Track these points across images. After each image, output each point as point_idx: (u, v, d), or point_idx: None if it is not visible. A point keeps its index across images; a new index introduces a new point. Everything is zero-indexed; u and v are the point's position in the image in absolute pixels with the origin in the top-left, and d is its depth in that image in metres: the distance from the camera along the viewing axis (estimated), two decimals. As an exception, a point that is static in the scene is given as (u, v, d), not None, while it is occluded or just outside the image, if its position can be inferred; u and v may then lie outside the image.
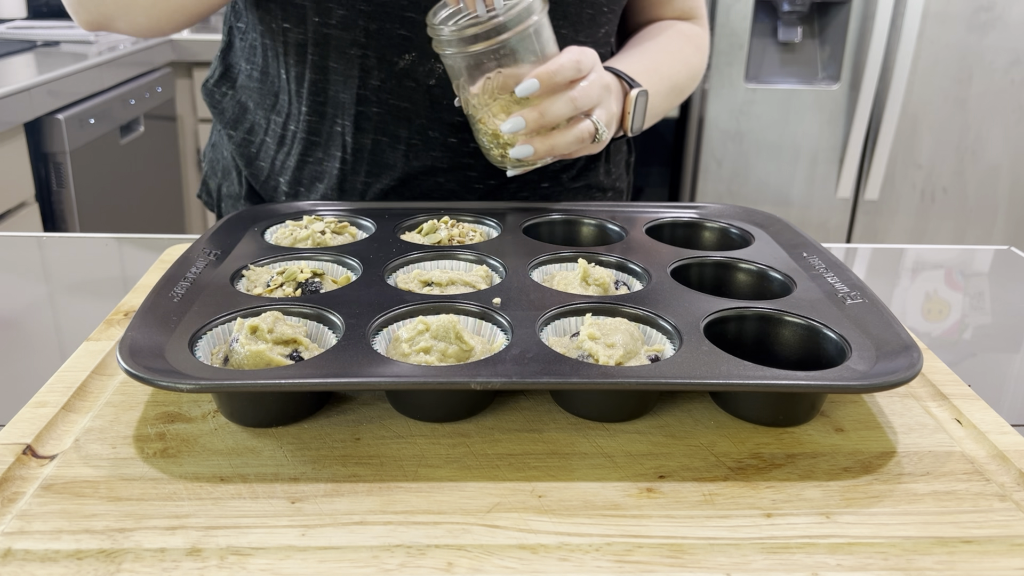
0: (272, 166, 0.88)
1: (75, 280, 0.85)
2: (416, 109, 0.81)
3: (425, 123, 0.81)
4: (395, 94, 0.80)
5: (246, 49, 0.88)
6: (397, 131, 0.82)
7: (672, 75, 0.87)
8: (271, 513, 0.43)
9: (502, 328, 0.56)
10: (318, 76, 0.81)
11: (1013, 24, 2.06)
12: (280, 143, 0.86)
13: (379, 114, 0.81)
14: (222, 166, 0.95)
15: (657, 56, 0.86)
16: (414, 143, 0.82)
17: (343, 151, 0.83)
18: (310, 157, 0.85)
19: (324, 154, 0.84)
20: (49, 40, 2.11)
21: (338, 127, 0.83)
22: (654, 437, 0.51)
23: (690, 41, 0.91)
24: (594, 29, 0.84)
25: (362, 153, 0.83)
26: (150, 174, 2.18)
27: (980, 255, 0.95)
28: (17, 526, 0.42)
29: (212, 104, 0.92)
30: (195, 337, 0.53)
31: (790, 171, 2.21)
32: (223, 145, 0.95)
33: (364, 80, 0.80)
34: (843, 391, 0.49)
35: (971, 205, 2.23)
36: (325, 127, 0.83)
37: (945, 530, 0.43)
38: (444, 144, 0.82)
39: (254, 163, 0.89)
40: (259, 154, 0.89)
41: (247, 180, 0.92)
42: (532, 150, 0.71)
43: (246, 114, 0.89)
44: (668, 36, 0.90)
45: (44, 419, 0.51)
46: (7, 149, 1.59)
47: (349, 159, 0.83)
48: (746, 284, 0.67)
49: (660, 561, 0.40)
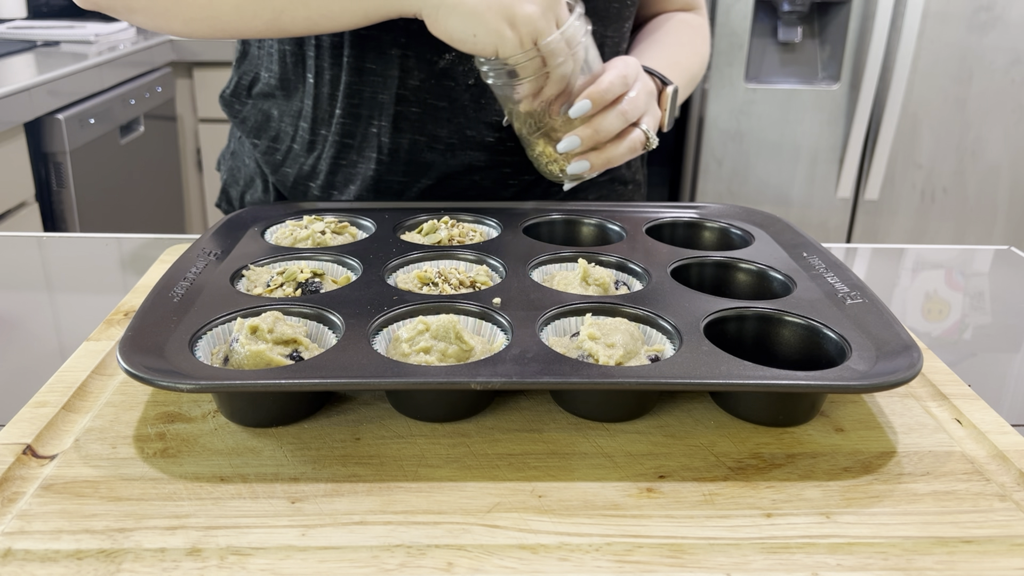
0: (300, 171, 0.87)
1: (75, 280, 0.85)
2: (455, 108, 0.81)
3: (463, 122, 0.81)
4: (434, 94, 0.80)
5: (264, 57, 0.87)
6: (436, 131, 0.81)
7: (689, 66, 0.88)
8: (271, 513, 0.43)
9: (502, 328, 0.56)
10: (354, 78, 0.80)
11: (1013, 24, 2.06)
12: (309, 148, 0.86)
13: (417, 114, 0.81)
14: (245, 174, 0.95)
15: (675, 49, 0.87)
16: (452, 142, 0.82)
17: (378, 152, 0.82)
18: (344, 160, 0.84)
19: (358, 156, 0.84)
20: (49, 40, 2.11)
21: (374, 128, 0.82)
22: (654, 437, 0.51)
23: (697, 32, 0.93)
24: (620, 23, 0.85)
25: (399, 154, 0.82)
26: (150, 174, 2.18)
27: (980, 255, 0.95)
28: (17, 526, 0.42)
29: (232, 114, 0.92)
30: (195, 337, 0.53)
31: (790, 171, 2.21)
32: (244, 153, 0.94)
33: (403, 80, 0.79)
34: (843, 391, 0.49)
35: (971, 205, 2.23)
36: (360, 129, 0.82)
37: (945, 530, 0.43)
38: (482, 143, 0.82)
39: (280, 170, 0.89)
40: (286, 160, 0.88)
41: (274, 186, 0.91)
42: (588, 165, 0.72)
43: (270, 122, 0.88)
44: (678, 28, 0.91)
45: (44, 419, 0.51)
46: (7, 149, 1.59)
47: (385, 160, 0.83)
48: (746, 284, 0.67)
49: (660, 561, 0.40)
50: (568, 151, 0.71)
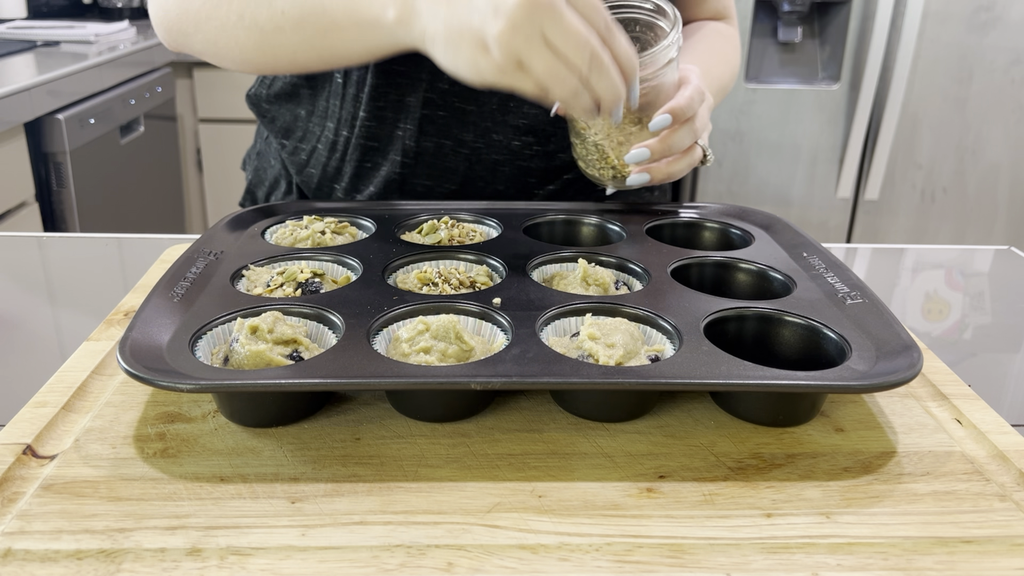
0: (324, 172, 0.87)
1: (75, 280, 0.85)
2: (482, 112, 0.80)
3: (490, 126, 0.81)
4: (462, 97, 0.80)
5: None
6: (462, 135, 0.81)
7: (720, 75, 0.87)
8: (271, 513, 0.43)
9: (502, 328, 0.56)
10: (381, 80, 0.80)
11: (1013, 24, 2.06)
12: (332, 149, 0.85)
13: (444, 118, 0.80)
14: (270, 175, 0.95)
15: (706, 58, 0.86)
16: (478, 146, 0.81)
17: (403, 155, 0.82)
18: (368, 162, 0.84)
19: (382, 158, 0.83)
20: (49, 40, 2.11)
21: (399, 131, 0.82)
22: (654, 437, 0.51)
23: (728, 41, 0.92)
24: None
25: (423, 156, 0.82)
26: (150, 174, 2.18)
27: (980, 255, 0.95)
28: (17, 526, 0.42)
29: (260, 113, 0.91)
30: (195, 337, 0.53)
31: (790, 171, 2.21)
32: (270, 154, 0.94)
33: (432, 83, 0.79)
34: (843, 391, 0.49)
35: (971, 205, 2.23)
36: (384, 131, 0.82)
37: (945, 530, 0.43)
38: (508, 147, 0.82)
39: (305, 170, 0.88)
40: (310, 161, 0.88)
41: (298, 187, 0.91)
42: (649, 178, 0.71)
43: (297, 122, 0.88)
44: (710, 37, 0.90)
45: (44, 419, 0.51)
46: (7, 149, 1.59)
47: (409, 163, 0.82)
48: (746, 284, 0.67)
49: (660, 561, 0.40)
50: (635, 162, 0.70)
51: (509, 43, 0.55)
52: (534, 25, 0.54)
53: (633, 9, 0.72)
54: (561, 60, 0.56)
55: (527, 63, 0.56)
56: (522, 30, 0.54)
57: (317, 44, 0.68)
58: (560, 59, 0.56)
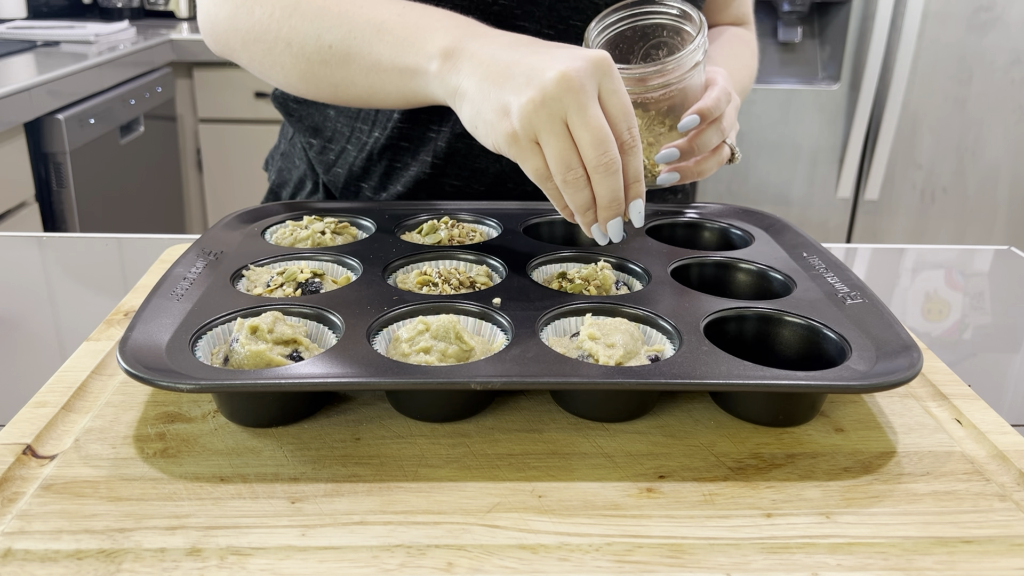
0: (351, 172, 0.87)
1: (75, 280, 0.85)
2: None
3: None
4: None
5: None
6: None
7: (740, 79, 0.88)
8: (271, 513, 0.43)
9: (502, 328, 0.56)
10: None
11: (1013, 24, 2.06)
12: (362, 149, 0.85)
13: None
14: (295, 176, 0.94)
15: (727, 60, 0.87)
16: None
17: (433, 156, 0.82)
18: (398, 162, 0.84)
19: (412, 159, 0.83)
20: (49, 40, 2.11)
21: (432, 132, 0.81)
22: (654, 437, 0.51)
23: (748, 46, 0.93)
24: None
25: (454, 157, 0.82)
26: (150, 174, 2.18)
27: (980, 255, 0.95)
28: (17, 526, 0.42)
29: (287, 112, 0.91)
30: (195, 337, 0.53)
31: (790, 171, 2.21)
32: (295, 154, 0.94)
33: None
34: (843, 391, 0.49)
35: (971, 205, 2.23)
36: (417, 132, 0.82)
37: (945, 530, 0.43)
38: None
39: (332, 170, 0.88)
40: (338, 160, 0.88)
41: (324, 187, 0.91)
42: (678, 177, 0.71)
43: (327, 122, 0.88)
44: (731, 41, 0.91)
45: (44, 419, 0.51)
46: (7, 149, 1.59)
47: (440, 163, 0.82)
48: (746, 284, 0.67)
49: (660, 561, 0.40)
50: (664, 162, 0.70)
51: (531, 115, 0.55)
52: (561, 105, 0.54)
53: (660, 15, 0.73)
54: (574, 149, 0.56)
55: (542, 140, 0.56)
56: (547, 106, 0.54)
57: (359, 82, 0.68)
58: (573, 148, 0.56)
